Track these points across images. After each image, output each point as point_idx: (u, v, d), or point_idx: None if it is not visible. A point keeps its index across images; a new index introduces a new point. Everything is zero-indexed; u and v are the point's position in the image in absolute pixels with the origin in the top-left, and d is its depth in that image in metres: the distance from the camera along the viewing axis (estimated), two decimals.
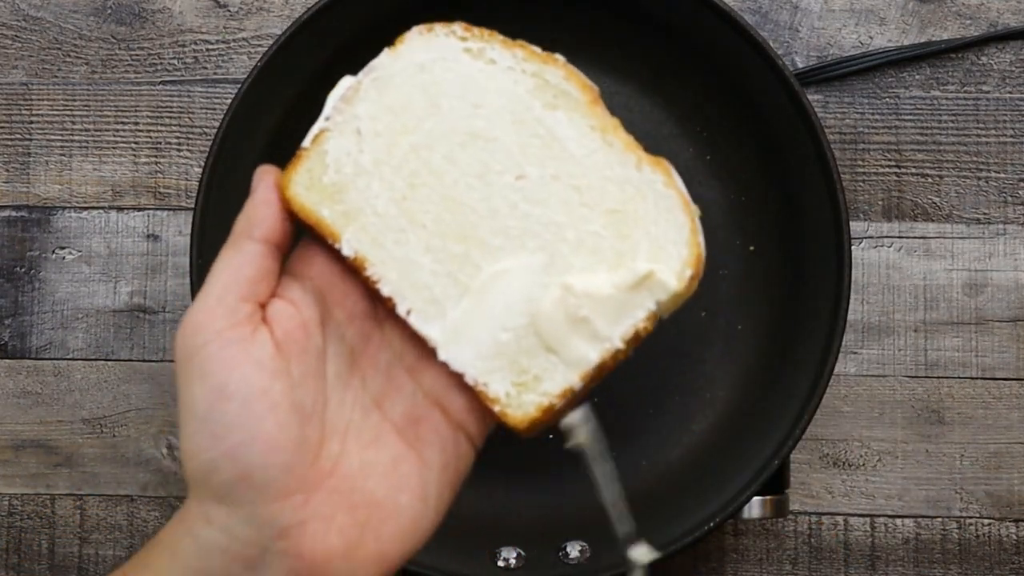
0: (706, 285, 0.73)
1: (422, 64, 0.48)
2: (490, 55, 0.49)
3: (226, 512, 0.42)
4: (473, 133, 0.47)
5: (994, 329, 0.75)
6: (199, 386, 0.42)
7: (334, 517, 0.43)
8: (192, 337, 0.43)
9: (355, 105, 0.48)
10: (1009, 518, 0.74)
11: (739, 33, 0.68)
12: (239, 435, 0.42)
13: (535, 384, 0.45)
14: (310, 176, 0.47)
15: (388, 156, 0.47)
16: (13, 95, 0.78)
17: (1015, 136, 0.76)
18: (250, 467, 0.41)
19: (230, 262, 0.46)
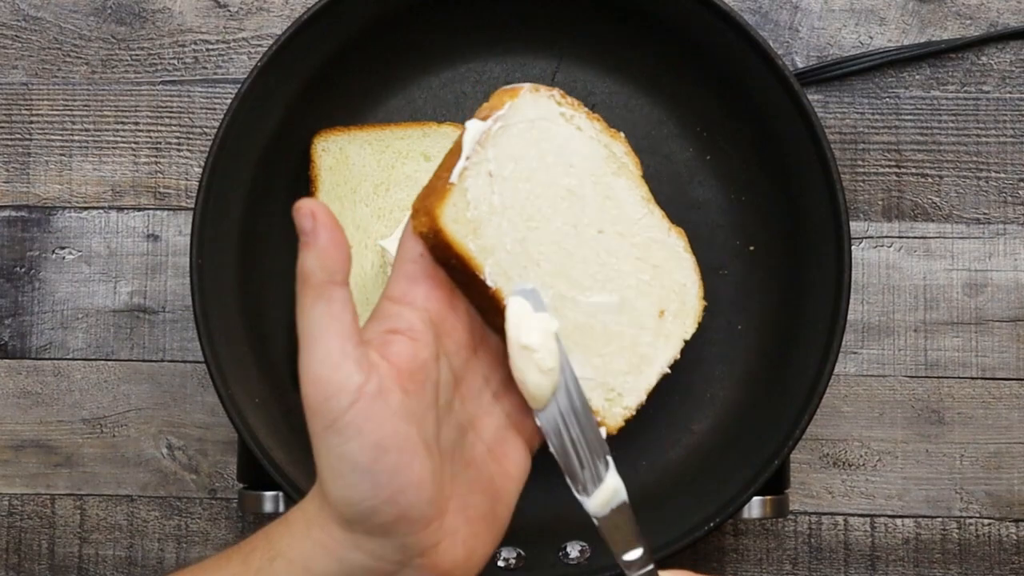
0: (706, 285, 0.73)
1: (532, 120, 0.55)
2: (578, 123, 0.57)
3: (379, 543, 0.47)
4: (569, 189, 0.55)
5: (994, 329, 0.75)
6: (356, 443, 0.45)
7: (458, 532, 0.49)
8: (335, 399, 0.46)
9: (487, 149, 0.53)
10: (1009, 518, 0.74)
11: (739, 33, 0.68)
12: (398, 482, 0.46)
13: (619, 399, 0.57)
14: (456, 210, 0.51)
15: (512, 199, 0.53)
16: (13, 95, 0.78)
17: (1015, 136, 0.76)
18: (407, 508, 0.46)
19: (329, 313, 0.47)
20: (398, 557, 0.47)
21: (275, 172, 0.72)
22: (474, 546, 0.50)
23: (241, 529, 0.75)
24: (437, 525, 0.48)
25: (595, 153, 0.57)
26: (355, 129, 0.73)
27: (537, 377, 0.52)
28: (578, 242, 0.55)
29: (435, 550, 0.48)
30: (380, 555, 0.47)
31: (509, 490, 0.52)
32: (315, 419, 0.46)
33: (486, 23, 0.73)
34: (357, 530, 0.47)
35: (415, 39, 0.73)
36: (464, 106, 0.74)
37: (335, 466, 0.46)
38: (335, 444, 0.46)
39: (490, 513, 0.51)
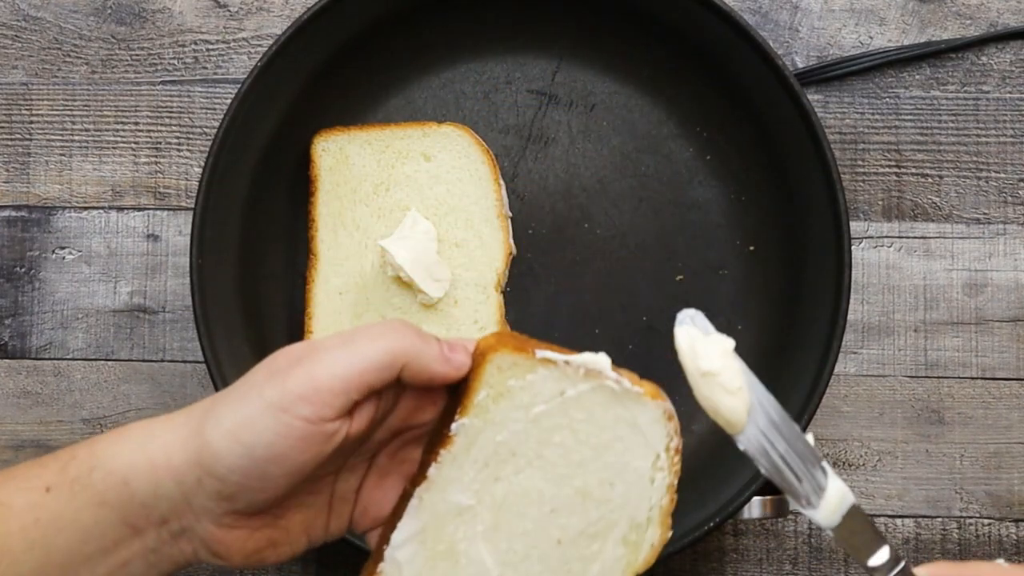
0: (706, 285, 0.73)
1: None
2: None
3: (202, 490, 0.49)
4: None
5: (994, 329, 0.75)
6: (275, 440, 0.48)
7: (258, 535, 0.51)
8: (306, 406, 0.48)
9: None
10: (1009, 518, 0.74)
11: (739, 33, 0.68)
12: (260, 484, 0.48)
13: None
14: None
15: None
16: (13, 95, 0.78)
17: (1015, 136, 0.76)
18: (249, 500, 0.49)
19: (376, 370, 0.49)
20: (208, 505, 0.49)
21: (275, 172, 0.72)
22: (262, 551, 0.51)
23: None
24: (259, 517, 0.50)
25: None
26: (355, 129, 0.73)
27: (728, 400, 0.51)
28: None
29: (234, 530, 0.50)
30: (192, 496, 0.48)
31: (311, 538, 0.54)
32: (276, 390, 0.48)
33: (486, 23, 0.73)
34: (200, 468, 0.48)
35: (415, 39, 0.73)
36: (464, 106, 0.74)
37: (241, 429, 0.48)
38: (262, 422, 0.47)
39: (289, 542, 0.53)
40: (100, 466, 0.49)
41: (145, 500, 0.49)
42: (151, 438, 0.49)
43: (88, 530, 0.48)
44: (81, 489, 0.48)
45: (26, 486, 0.49)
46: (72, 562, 0.49)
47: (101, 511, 0.48)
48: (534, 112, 0.74)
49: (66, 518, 0.48)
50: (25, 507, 0.48)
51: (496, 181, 0.72)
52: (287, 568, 0.74)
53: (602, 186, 0.73)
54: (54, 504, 0.48)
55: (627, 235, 0.73)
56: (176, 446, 0.49)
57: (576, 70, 0.74)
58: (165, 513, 0.49)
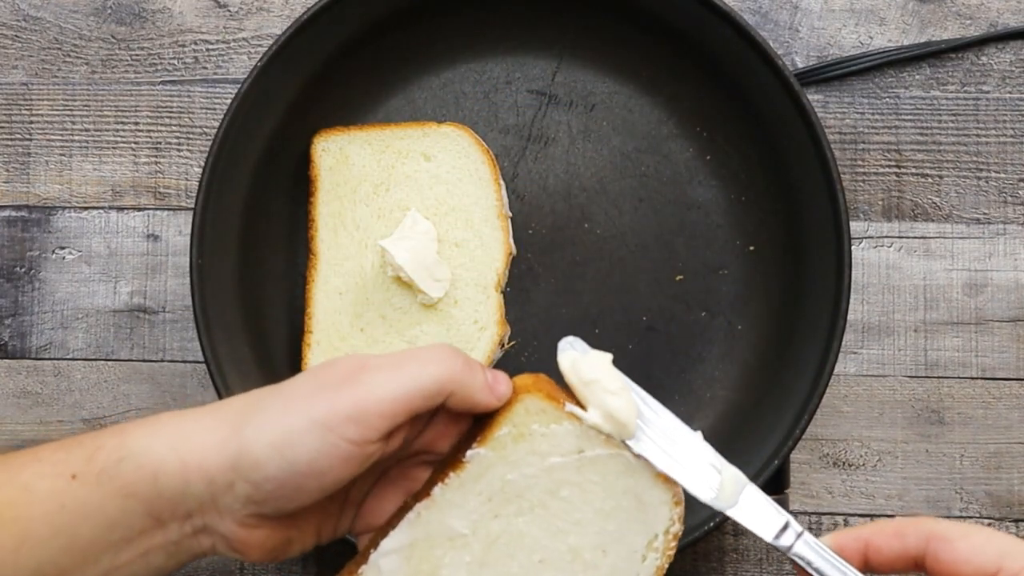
0: (706, 285, 0.73)
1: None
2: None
3: (233, 493, 0.49)
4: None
5: (994, 329, 0.75)
6: (317, 455, 0.48)
7: (276, 534, 0.52)
8: (355, 424, 0.49)
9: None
10: (1009, 518, 0.74)
11: (739, 33, 0.68)
12: (293, 495, 0.49)
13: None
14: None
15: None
16: (13, 95, 0.78)
17: (1015, 136, 0.76)
18: (278, 505, 0.50)
19: (423, 395, 0.50)
20: (235, 507, 0.49)
21: (275, 172, 0.72)
22: (277, 549, 0.52)
23: None
24: (280, 519, 0.51)
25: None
26: (355, 129, 0.73)
27: (614, 401, 0.52)
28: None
29: (255, 530, 0.51)
30: (220, 497, 0.49)
31: (312, 540, 0.55)
32: (325, 411, 0.49)
33: (486, 23, 0.73)
34: (235, 473, 0.49)
35: (415, 39, 0.73)
36: (464, 106, 0.74)
37: (285, 444, 0.48)
38: (310, 440, 0.48)
39: (302, 540, 0.54)
40: (129, 458, 0.49)
41: (172, 496, 0.49)
42: (183, 438, 0.50)
43: (113, 520, 0.49)
44: (108, 480, 0.49)
45: (51, 472, 0.49)
46: (95, 550, 0.49)
47: (128, 502, 0.49)
48: (534, 112, 0.74)
49: (91, 506, 0.49)
50: (49, 493, 0.49)
51: (496, 181, 0.72)
52: (287, 568, 0.74)
53: (602, 186, 0.73)
54: (80, 492, 0.49)
55: (627, 235, 0.73)
56: (211, 450, 0.49)
57: (576, 70, 0.74)
58: (191, 509, 0.49)
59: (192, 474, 0.49)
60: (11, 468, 0.50)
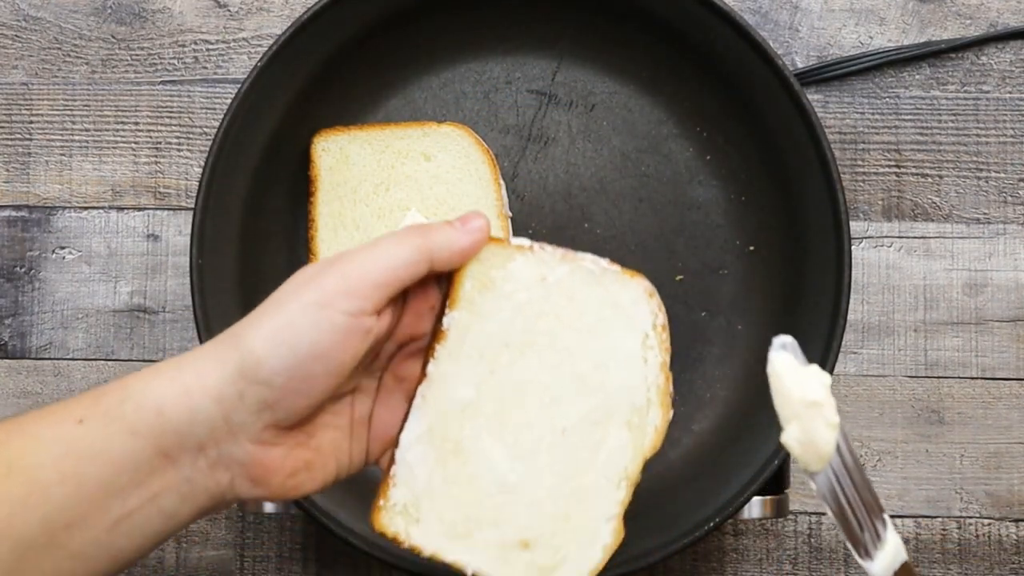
0: (706, 285, 0.73)
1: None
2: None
3: (245, 402, 0.49)
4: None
5: (994, 329, 0.75)
6: (318, 338, 0.49)
7: (294, 454, 0.51)
8: (345, 301, 0.49)
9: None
10: (1009, 518, 0.74)
11: (739, 33, 0.68)
12: (303, 386, 0.49)
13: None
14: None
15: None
16: (13, 95, 0.78)
17: (1015, 136, 0.76)
18: (291, 403, 0.49)
19: (405, 266, 0.51)
20: (249, 420, 0.49)
21: (275, 172, 0.72)
22: (298, 473, 0.52)
23: (241, 529, 0.75)
24: (294, 433, 0.51)
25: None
26: (355, 129, 0.73)
27: (826, 434, 0.49)
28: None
29: (273, 448, 0.50)
30: (233, 412, 0.49)
31: (349, 459, 0.54)
32: (316, 292, 0.49)
33: (486, 23, 0.73)
34: (243, 379, 0.49)
35: (415, 39, 0.73)
36: (464, 106, 0.74)
37: (283, 330, 0.49)
38: (305, 320, 0.49)
39: (325, 459, 0.53)
40: (131, 398, 0.49)
41: (179, 427, 0.49)
42: (181, 369, 0.50)
43: (120, 460, 0.48)
44: (112, 420, 0.48)
45: (57, 419, 0.49)
46: (103, 494, 0.48)
47: (134, 440, 0.48)
48: (534, 112, 0.74)
49: (97, 448, 0.48)
50: (56, 439, 0.48)
51: (496, 181, 0.72)
52: (287, 568, 0.75)
53: (602, 186, 0.73)
54: (85, 435, 0.48)
55: (627, 235, 0.73)
56: (210, 368, 0.49)
57: (576, 70, 0.74)
58: (202, 438, 0.49)
59: (197, 398, 0.49)
60: (20, 422, 0.50)
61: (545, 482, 0.53)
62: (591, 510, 0.53)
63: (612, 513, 0.54)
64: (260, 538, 0.75)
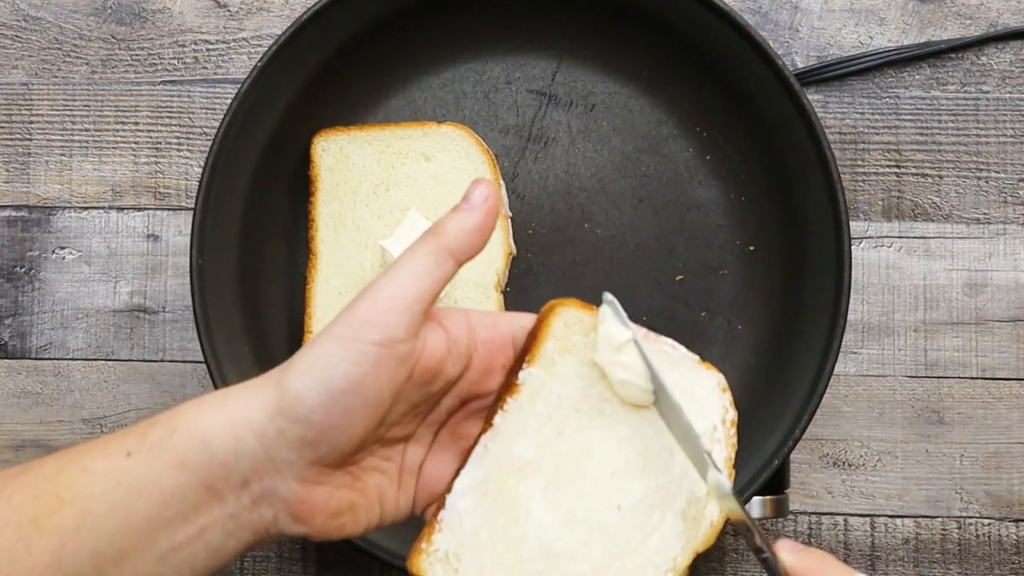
0: (706, 285, 0.73)
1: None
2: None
3: (285, 440, 0.49)
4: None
5: (994, 329, 0.75)
6: (350, 369, 0.48)
7: (343, 496, 0.51)
8: (373, 329, 0.49)
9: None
10: (1009, 518, 0.74)
11: (739, 33, 0.68)
12: (340, 421, 0.49)
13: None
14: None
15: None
16: (13, 95, 0.78)
17: (1015, 136, 0.76)
18: (329, 442, 0.49)
19: (428, 273, 0.50)
20: (291, 457, 0.49)
21: (275, 172, 0.72)
22: (342, 514, 0.51)
23: None
24: (339, 474, 0.51)
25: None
26: (355, 129, 0.73)
27: (624, 374, 0.52)
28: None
29: (317, 487, 0.50)
30: (274, 449, 0.49)
31: (392, 507, 0.54)
32: (343, 325, 0.49)
33: (486, 23, 0.73)
34: (282, 416, 0.48)
35: (415, 39, 0.73)
36: (464, 106, 0.74)
37: (315, 365, 0.49)
38: (335, 353, 0.48)
39: (368, 505, 0.53)
40: (180, 428, 0.49)
41: (225, 460, 0.49)
42: (227, 400, 0.50)
43: (168, 493, 0.48)
44: (161, 452, 0.49)
45: (108, 451, 0.49)
46: (151, 527, 0.48)
47: (181, 474, 0.48)
48: (534, 112, 0.74)
49: (146, 481, 0.48)
50: (106, 471, 0.49)
51: (496, 181, 0.72)
52: (287, 568, 0.75)
53: (602, 186, 0.73)
54: (134, 468, 0.49)
55: (627, 235, 0.73)
56: (254, 402, 0.49)
57: (576, 70, 0.74)
58: (246, 473, 0.49)
59: (240, 431, 0.49)
60: (71, 454, 0.50)
61: (592, 556, 0.52)
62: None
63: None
64: None
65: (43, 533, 0.47)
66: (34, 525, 0.47)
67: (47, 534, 0.47)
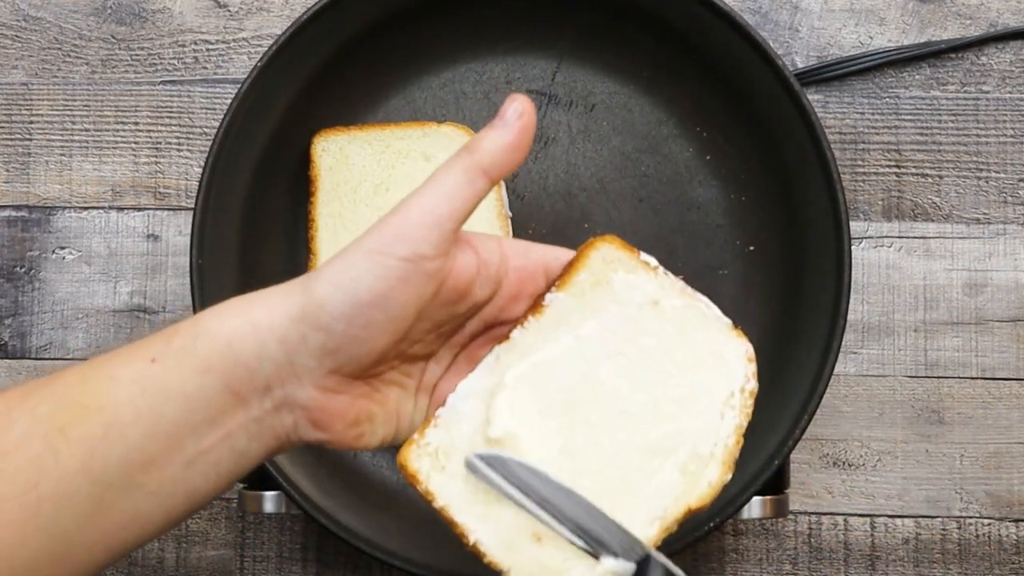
0: (706, 285, 0.73)
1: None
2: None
3: (308, 346, 0.49)
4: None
5: (994, 329, 0.75)
6: (377, 283, 0.48)
7: (362, 405, 0.51)
8: (403, 245, 0.48)
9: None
10: (1009, 518, 0.74)
11: (739, 33, 0.68)
12: (363, 333, 0.49)
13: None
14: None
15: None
16: (13, 95, 0.78)
17: (1015, 136, 0.76)
18: (353, 350, 0.49)
19: (460, 191, 0.49)
20: (311, 364, 0.49)
21: (275, 172, 0.72)
22: (360, 423, 0.51)
23: (241, 529, 0.75)
24: (359, 384, 0.51)
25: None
26: (355, 129, 0.73)
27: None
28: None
29: (337, 395, 0.50)
30: (296, 355, 0.49)
31: (392, 425, 0.53)
32: (372, 238, 0.49)
33: (486, 23, 0.73)
34: (305, 323, 0.48)
35: (415, 39, 0.73)
36: (464, 106, 0.74)
37: (342, 276, 0.48)
38: (362, 266, 0.48)
39: (384, 420, 0.53)
40: (203, 333, 0.49)
41: (248, 363, 0.49)
42: (253, 304, 0.50)
43: (193, 398, 0.48)
44: (186, 357, 0.49)
45: (132, 358, 0.49)
46: (178, 432, 0.48)
47: (206, 378, 0.48)
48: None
49: (172, 387, 0.48)
50: (132, 378, 0.49)
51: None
52: (287, 568, 0.75)
53: (602, 186, 0.73)
54: (160, 374, 0.49)
55: (627, 235, 0.72)
56: (278, 307, 0.49)
57: (576, 70, 0.74)
58: (269, 377, 0.49)
59: (264, 335, 0.49)
60: (96, 364, 0.50)
61: (584, 485, 0.52)
62: None
63: None
64: (260, 538, 0.75)
65: (70, 441, 0.47)
66: (61, 434, 0.47)
67: (74, 442, 0.47)
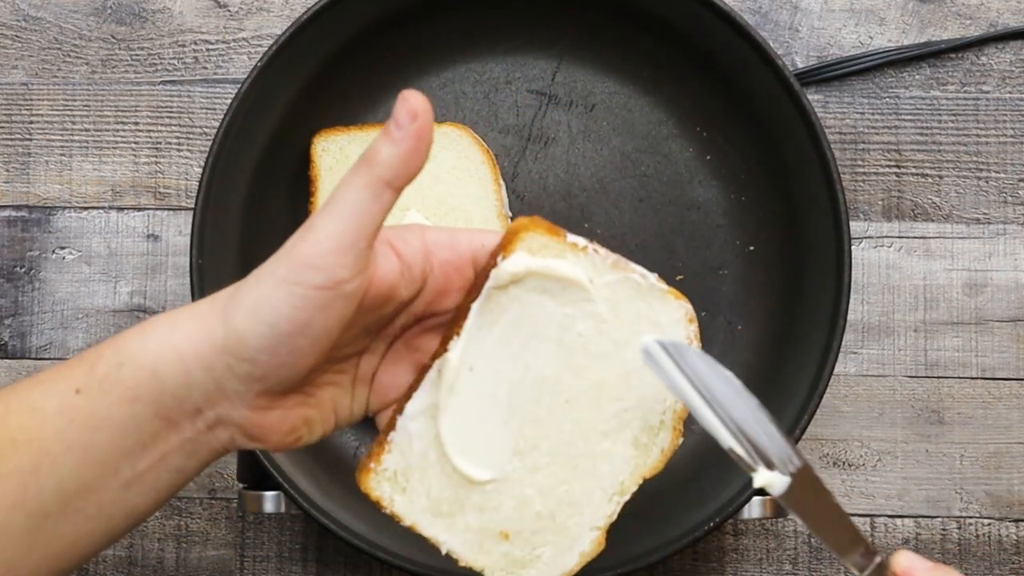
0: (706, 285, 0.73)
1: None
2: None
3: (232, 373, 0.48)
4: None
5: (994, 329, 0.75)
6: (294, 313, 0.47)
7: (293, 413, 0.50)
8: (315, 273, 0.47)
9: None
10: (1009, 518, 0.74)
11: (739, 33, 0.68)
12: (288, 360, 0.48)
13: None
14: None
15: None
16: (13, 95, 0.78)
17: (1015, 136, 0.76)
18: (278, 377, 0.48)
19: (367, 208, 0.47)
20: (241, 388, 0.48)
21: (275, 172, 0.72)
22: (297, 429, 0.51)
23: (241, 529, 0.75)
24: (292, 395, 0.50)
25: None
26: (355, 129, 0.73)
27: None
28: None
29: (270, 411, 0.49)
30: (224, 381, 0.48)
31: (331, 421, 0.53)
32: (284, 266, 0.47)
33: (486, 23, 0.73)
34: (228, 354, 0.48)
35: (414, 39, 0.73)
36: (464, 106, 0.74)
37: (260, 308, 0.47)
38: (279, 297, 0.47)
39: (321, 420, 0.52)
40: (128, 362, 0.48)
41: (176, 391, 0.48)
42: (174, 329, 0.49)
43: (123, 426, 0.48)
44: (111, 387, 0.48)
45: (55, 389, 0.49)
46: (112, 459, 0.48)
47: (134, 407, 0.48)
48: (534, 112, 0.74)
49: (100, 416, 0.48)
50: (57, 410, 0.48)
51: (496, 181, 0.72)
52: (287, 568, 0.75)
53: (602, 186, 0.73)
54: (86, 405, 0.48)
55: (627, 235, 0.73)
56: (201, 335, 0.48)
57: (576, 70, 0.74)
58: (198, 402, 0.49)
59: (189, 364, 0.48)
60: (19, 392, 0.50)
61: (540, 480, 0.53)
62: (578, 516, 0.53)
63: (598, 524, 0.53)
64: (260, 538, 0.75)
65: (1, 477, 0.47)
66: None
67: (5, 477, 0.47)
